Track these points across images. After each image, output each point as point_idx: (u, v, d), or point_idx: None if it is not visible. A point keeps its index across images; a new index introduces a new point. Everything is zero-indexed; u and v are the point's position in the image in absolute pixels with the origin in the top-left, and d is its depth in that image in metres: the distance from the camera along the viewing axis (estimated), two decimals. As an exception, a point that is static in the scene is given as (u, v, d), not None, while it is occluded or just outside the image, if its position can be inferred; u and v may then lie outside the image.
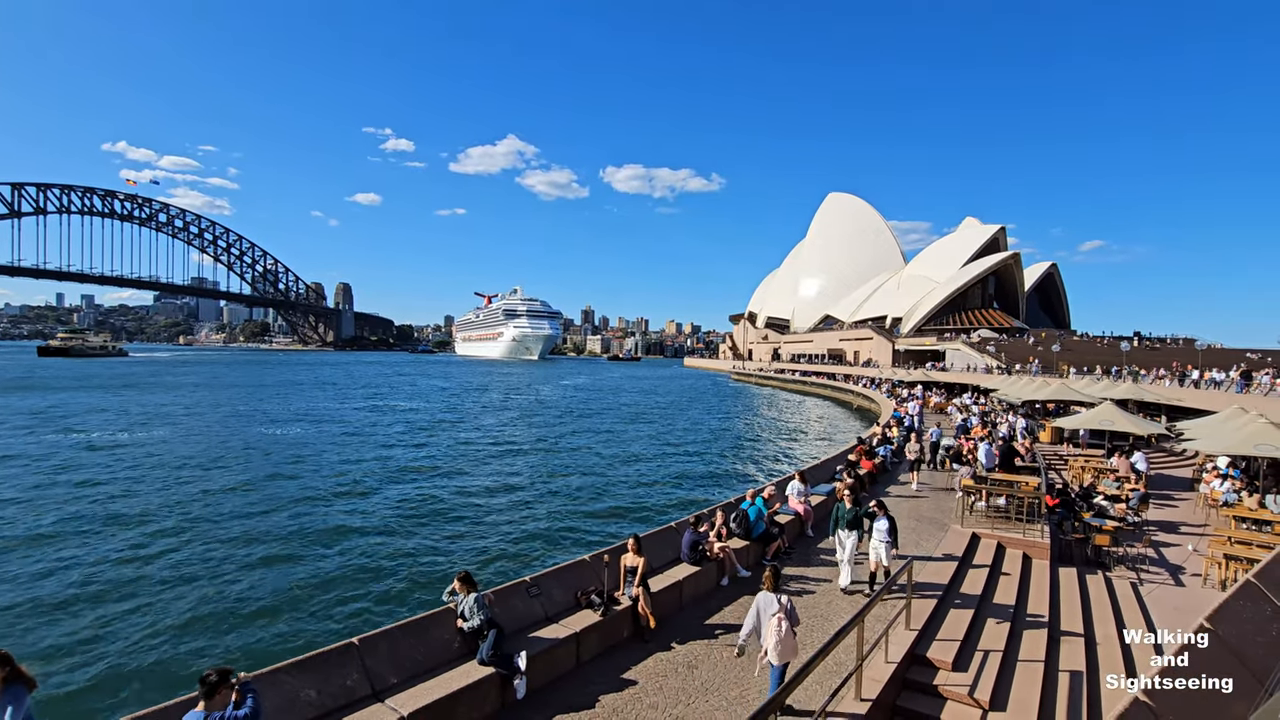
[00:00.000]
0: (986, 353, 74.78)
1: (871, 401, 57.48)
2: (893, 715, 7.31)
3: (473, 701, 6.58)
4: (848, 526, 10.35)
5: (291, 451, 31.94)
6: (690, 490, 26.05)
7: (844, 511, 10.48)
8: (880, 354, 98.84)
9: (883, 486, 18.39)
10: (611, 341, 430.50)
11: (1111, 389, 31.49)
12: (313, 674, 6.05)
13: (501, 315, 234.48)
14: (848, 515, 10.41)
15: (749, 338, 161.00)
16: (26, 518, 18.96)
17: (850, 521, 10.36)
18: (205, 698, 4.35)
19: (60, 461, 27.54)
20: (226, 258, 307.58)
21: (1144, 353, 66.79)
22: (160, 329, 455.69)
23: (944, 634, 8.60)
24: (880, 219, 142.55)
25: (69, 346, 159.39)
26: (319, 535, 18.04)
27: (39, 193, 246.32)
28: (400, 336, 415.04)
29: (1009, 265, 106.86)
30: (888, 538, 9.98)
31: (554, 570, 9.06)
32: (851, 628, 6.54)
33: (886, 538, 9.97)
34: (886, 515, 10.13)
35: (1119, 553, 13.34)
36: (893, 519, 10.16)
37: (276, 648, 11.29)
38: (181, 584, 14.16)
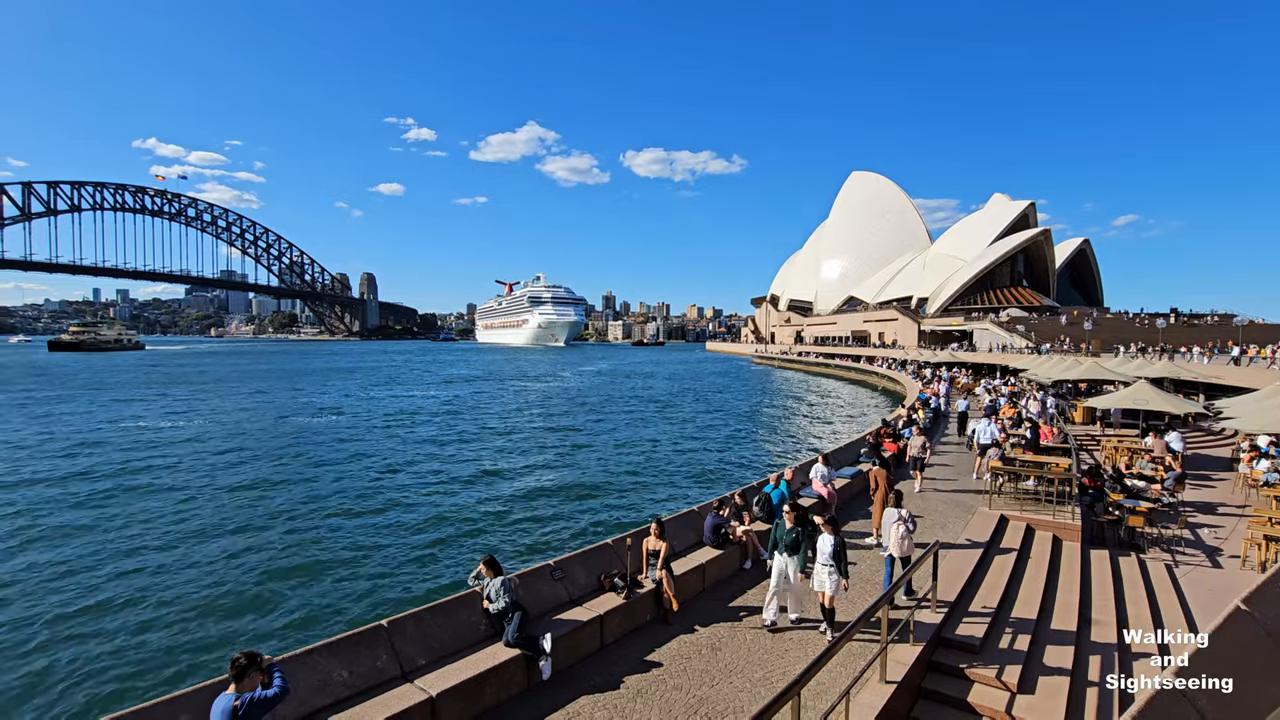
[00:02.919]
0: (1016, 332, 73.29)
1: (897, 383, 56.75)
2: (919, 697, 7.27)
3: (499, 682, 6.69)
4: (787, 550, 8.36)
5: (314, 441, 32.60)
6: (712, 474, 26.05)
7: (783, 531, 8.46)
8: (905, 335, 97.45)
9: (907, 470, 18.19)
10: (633, 327, 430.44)
11: (1146, 367, 30.64)
12: (343, 655, 6.20)
13: (526, 302, 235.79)
14: (787, 537, 8.37)
15: (771, 321, 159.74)
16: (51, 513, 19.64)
17: (790, 544, 8.36)
18: (235, 680, 4.48)
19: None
20: (254, 250, 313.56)
21: (1180, 329, 64.94)
22: (192, 321, 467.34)
23: (971, 616, 8.52)
24: (905, 197, 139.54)
25: (80, 341, 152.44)
26: (345, 521, 18.42)
27: (73, 190, 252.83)
28: (424, 325, 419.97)
29: (1039, 242, 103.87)
30: (833, 563, 7.99)
31: (577, 554, 9.14)
32: (876, 610, 6.50)
33: (831, 562, 7.99)
34: (834, 533, 8.13)
35: (1154, 534, 13.06)
36: (842, 540, 8.11)
37: (308, 630, 11.61)
38: (215, 570, 14.58)
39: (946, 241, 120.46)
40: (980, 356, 64.72)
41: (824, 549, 8.06)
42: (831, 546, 8.00)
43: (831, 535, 8.05)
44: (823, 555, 8.06)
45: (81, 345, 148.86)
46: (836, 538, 8.03)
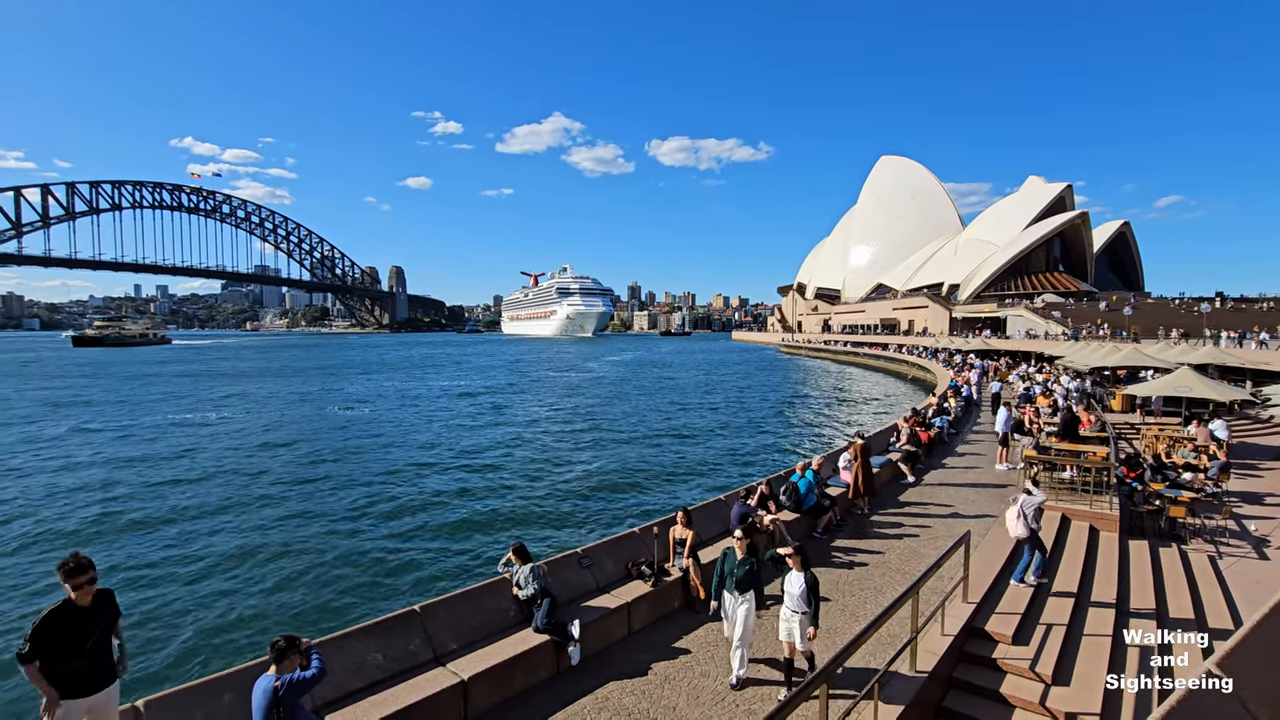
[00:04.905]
0: (1051, 318, 71.39)
1: (927, 371, 55.80)
2: (950, 687, 7.20)
3: (529, 667, 6.80)
4: (738, 587, 6.77)
5: (345, 433, 33.33)
6: (739, 462, 25.98)
7: (733, 564, 6.90)
8: (936, 322, 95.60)
9: (939, 458, 17.93)
10: (659, 317, 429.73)
11: (1189, 353, 29.63)
12: (378, 639, 6.36)
13: (554, 294, 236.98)
14: (738, 570, 6.81)
15: (798, 309, 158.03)
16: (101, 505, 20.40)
17: (742, 579, 6.76)
18: (275, 662, 4.63)
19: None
20: (286, 245, 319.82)
21: (1228, 314, 62.51)
22: (229, 316, 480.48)
23: (1004, 607, 8.39)
24: (936, 181, 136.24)
25: (104, 335, 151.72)
26: (376, 510, 18.82)
27: (114, 189, 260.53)
28: (452, 317, 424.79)
29: (1076, 225, 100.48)
30: (804, 606, 6.43)
31: (605, 542, 9.21)
32: (905, 600, 6.43)
33: (802, 606, 6.43)
34: (804, 568, 6.54)
35: (1196, 525, 12.67)
36: (814, 577, 6.57)
37: (343, 614, 11.92)
38: (256, 556, 15.04)
39: (979, 226, 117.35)
40: (1014, 343, 63.25)
41: (792, 590, 6.52)
42: (802, 587, 6.46)
43: (801, 572, 6.54)
44: (791, 599, 6.54)
45: (105, 340, 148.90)
46: (807, 574, 6.52)
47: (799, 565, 6.56)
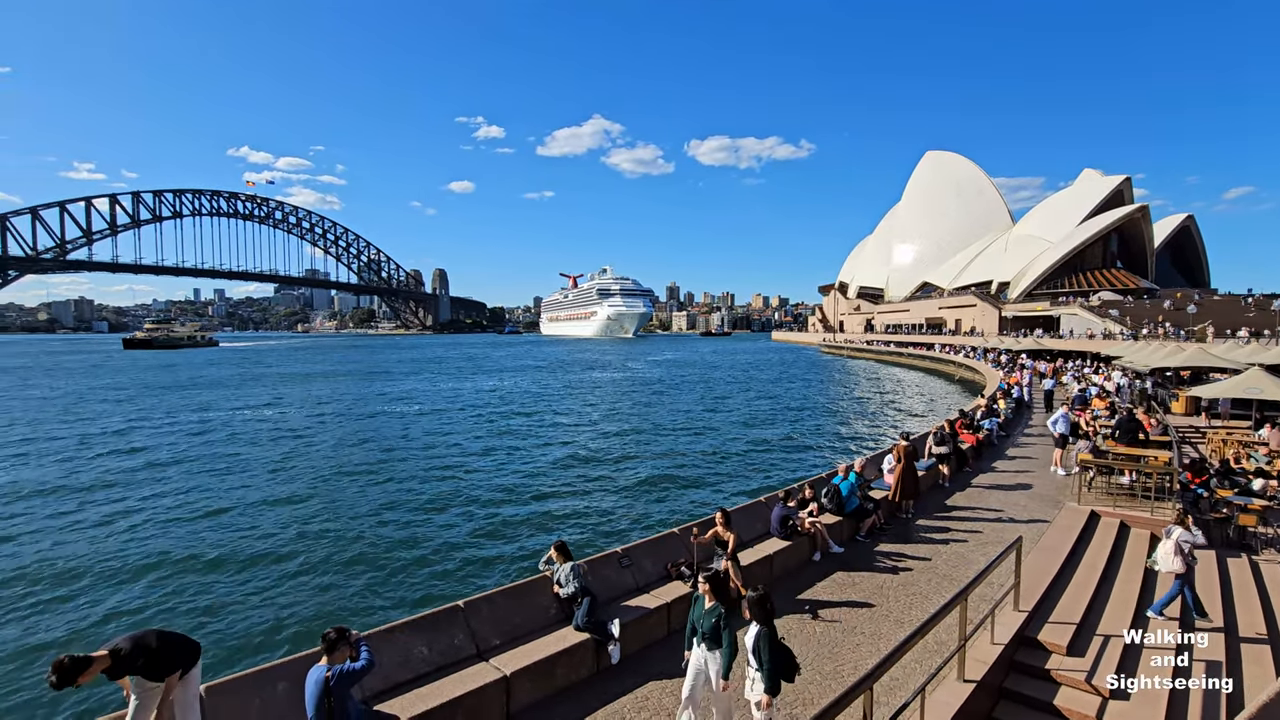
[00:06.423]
0: (1109, 317, 68.48)
1: (975, 372, 54.17)
2: (1000, 698, 6.97)
3: (570, 664, 6.86)
4: (705, 640, 5.82)
5: (392, 432, 34.19)
6: (780, 464, 25.68)
7: (700, 614, 5.94)
8: (985, 322, 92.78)
9: (988, 461, 17.40)
10: (698, 317, 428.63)
11: (1260, 353, 28.03)
12: (424, 633, 6.51)
13: (595, 294, 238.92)
14: (705, 622, 5.85)
15: (839, 309, 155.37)
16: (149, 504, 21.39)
17: (711, 631, 5.78)
18: (326, 653, 4.80)
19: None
20: (335, 250, 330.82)
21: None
22: (281, 318, 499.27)
23: (1058, 616, 8.07)
24: (984, 176, 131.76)
25: (153, 338, 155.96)
26: (421, 505, 19.26)
27: (175, 198, 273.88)
28: (492, 319, 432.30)
29: (1135, 219, 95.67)
30: (754, 661, 5.48)
31: (644, 542, 9.23)
32: (953, 606, 6.25)
33: (754, 661, 5.48)
34: (762, 620, 5.47)
35: (1269, 534, 11.97)
36: (769, 630, 5.48)
37: (390, 609, 12.23)
38: (309, 552, 15.56)
39: (1030, 222, 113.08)
40: (1068, 343, 60.87)
41: (746, 642, 5.63)
42: (752, 639, 5.49)
43: (756, 625, 5.50)
44: (745, 652, 5.68)
45: (154, 343, 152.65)
46: (761, 627, 5.47)
47: (757, 617, 5.51)
